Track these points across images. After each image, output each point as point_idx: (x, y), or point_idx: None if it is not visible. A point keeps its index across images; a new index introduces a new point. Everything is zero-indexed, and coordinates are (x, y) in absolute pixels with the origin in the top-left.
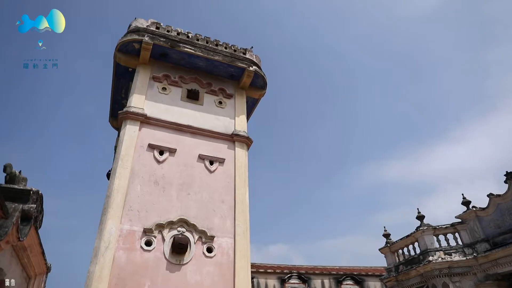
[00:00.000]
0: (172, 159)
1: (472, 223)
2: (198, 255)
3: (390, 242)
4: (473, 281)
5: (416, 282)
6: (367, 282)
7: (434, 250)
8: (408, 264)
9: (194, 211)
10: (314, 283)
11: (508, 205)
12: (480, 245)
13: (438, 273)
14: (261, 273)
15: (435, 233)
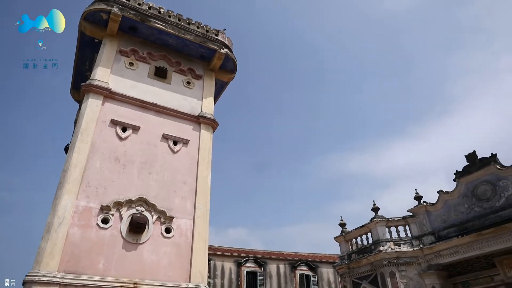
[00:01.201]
0: (135, 137)
1: (422, 217)
2: (156, 235)
3: (345, 232)
4: (417, 270)
5: (366, 270)
6: (320, 269)
7: (385, 240)
8: (360, 253)
9: (154, 191)
10: (270, 267)
11: (454, 202)
12: (427, 238)
13: (387, 262)
14: (219, 255)
15: (388, 225)
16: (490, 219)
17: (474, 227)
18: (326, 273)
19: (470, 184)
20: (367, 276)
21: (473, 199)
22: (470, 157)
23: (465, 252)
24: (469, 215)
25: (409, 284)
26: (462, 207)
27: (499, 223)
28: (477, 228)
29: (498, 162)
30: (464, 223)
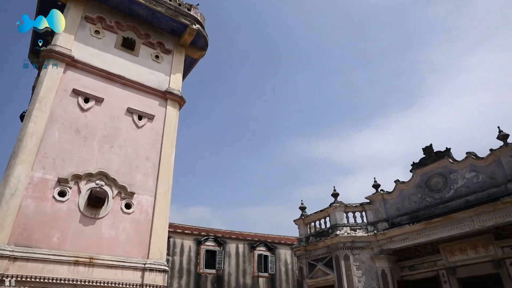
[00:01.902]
0: (97, 109)
1: (378, 204)
2: (115, 210)
3: (305, 215)
4: (369, 254)
5: (322, 252)
6: (278, 250)
7: (342, 225)
8: (317, 236)
9: (115, 165)
10: (229, 247)
11: (409, 192)
12: (381, 224)
13: (342, 246)
14: (179, 233)
15: (346, 210)
16: (439, 209)
17: (425, 216)
18: (283, 254)
19: (425, 176)
20: (322, 258)
21: (426, 190)
22: (426, 150)
23: (414, 238)
24: (421, 205)
25: (361, 267)
26: (416, 197)
27: (446, 213)
28: (427, 217)
29: (451, 156)
30: (416, 211)
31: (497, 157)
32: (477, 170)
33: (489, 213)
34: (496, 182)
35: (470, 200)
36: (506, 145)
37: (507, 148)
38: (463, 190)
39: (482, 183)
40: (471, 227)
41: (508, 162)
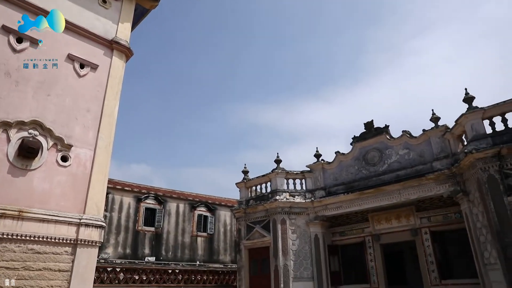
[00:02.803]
0: (33, 51)
1: (318, 173)
2: (50, 163)
3: (247, 179)
4: (305, 219)
5: (261, 216)
6: (218, 211)
7: (282, 191)
8: (258, 200)
9: (52, 115)
10: (170, 205)
11: (347, 163)
12: (318, 192)
13: (280, 210)
14: (118, 190)
15: (287, 177)
16: (373, 181)
17: (359, 187)
18: (223, 216)
19: (363, 149)
20: (261, 221)
21: (362, 163)
22: (367, 125)
23: (347, 207)
24: (357, 176)
25: (296, 231)
26: (353, 169)
27: (378, 185)
28: (361, 188)
29: (389, 133)
30: (352, 182)
31: (428, 137)
32: (410, 148)
33: (414, 188)
34: (424, 160)
35: (400, 175)
36: (436, 127)
37: (437, 130)
38: (395, 165)
39: (412, 160)
40: (398, 199)
41: (436, 143)
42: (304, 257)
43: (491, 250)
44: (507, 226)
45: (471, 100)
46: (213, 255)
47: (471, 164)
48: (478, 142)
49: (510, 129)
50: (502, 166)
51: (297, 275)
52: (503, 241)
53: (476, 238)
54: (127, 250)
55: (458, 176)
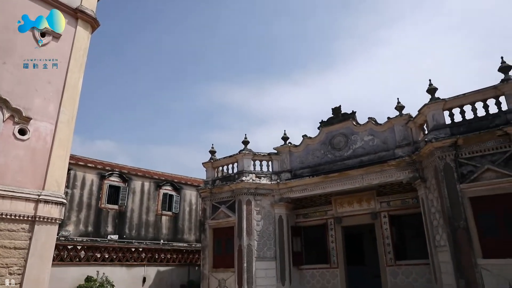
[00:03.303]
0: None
1: (284, 156)
2: (6, 136)
3: (214, 159)
4: (270, 201)
5: (227, 196)
6: (184, 190)
7: (248, 172)
8: (224, 180)
9: (9, 85)
10: (135, 183)
11: (314, 147)
12: (284, 174)
13: (246, 191)
14: (81, 166)
15: (254, 158)
16: (337, 165)
17: (324, 171)
18: (189, 195)
19: (330, 134)
20: (226, 201)
21: (328, 147)
22: (335, 110)
23: (312, 190)
24: (322, 160)
25: (261, 212)
26: (319, 152)
27: (343, 169)
28: (326, 171)
29: (355, 119)
30: (317, 166)
31: (392, 125)
32: (374, 135)
33: (376, 173)
34: (387, 147)
35: (364, 160)
36: (400, 115)
37: (401, 118)
38: (359, 151)
39: (376, 146)
40: (361, 183)
41: (399, 131)
42: (268, 237)
43: (442, 233)
44: (458, 211)
45: (434, 91)
46: (178, 234)
47: (430, 152)
48: (438, 132)
49: (467, 120)
50: (457, 155)
51: (261, 254)
52: (453, 225)
53: (430, 222)
54: (89, 228)
55: (418, 164)
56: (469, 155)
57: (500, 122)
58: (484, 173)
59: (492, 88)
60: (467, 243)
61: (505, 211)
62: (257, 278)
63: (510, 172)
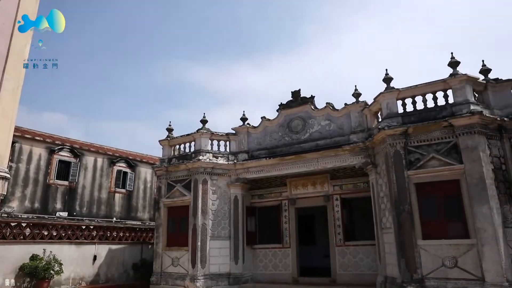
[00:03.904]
0: None
1: (242, 136)
2: None
3: (171, 137)
4: (226, 181)
5: (183, 175)
6: (139, 167)
7: (205, 151)
8: (180, 158)
9: None
10: (87, 159)
11: (272, 129)
12: (241, 155)
13: (203, 170)
14: (28, 139)
15: (211, 138)
16: (294, 148)
17: (281, 153)
18: (144, 173)
19: (288, 117)
20: (182, 180)
21: (286, 130)
22: (294, 94)
23: (268, 171)
24: (279, 142)
25: (217, 192)
26: (277, 135)
27: (299, 152)
28: (282, 154)
29: (314, 104)
30: (274, 148)
31: (348, 111)
32: (331, 120)
33: (331, 157)
34: (343, 132)
35: (320, 144)
36: (357, 102)
37: (357, 105)
38: (316, 135)
39: (332, 131)
40: (316, 167)
41: (355, 117)
42: (223, 217)
43: (388, 216)
44: (404, 196)
45: (390, 81)
46: (131, 212)
47: (382, 139)
48: (390, 120)
49: (417, 111)
50: (407, 144)
51: (215, 234)
52: (398, 208)
53: (378, 206)
54: (36, 204)
55: (370, 150)
56: (417, 144)
57: (446, 114)
58: (429, 161)
59: (441, 82)
60: (410, 225)
61: (445, 196)
62: (210, 257)
63: (452, 161)
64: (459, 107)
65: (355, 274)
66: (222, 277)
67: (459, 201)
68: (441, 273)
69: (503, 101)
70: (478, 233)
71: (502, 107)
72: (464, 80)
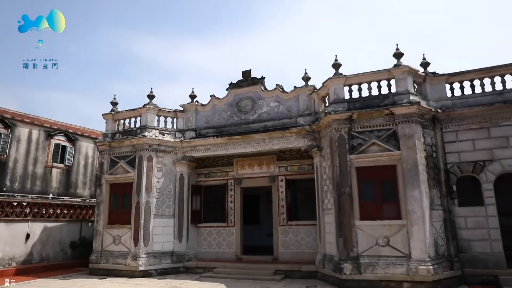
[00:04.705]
0: None
1: (190, 114)
2: None
3: (115, 111)
4: (172, 158)
5: (127, 151)
6: (80, 142)
7: (152, 127)
8: (125, 134)
9: None
10: (20, 131)
11: (221, 108)
12: (189, 133)
13: (148, 147)
14: None
15: (158, 114)
16: (242, 128)
17: (229, 132)
18: (85, 147)
19: (237, 96)
20: (126, 156)
21: (235, 109)
22: (245, 74)
23: (215, 150)
24: (228, 121)
25: (162, 169)
26: (225, 114)
27: (247, 132)
28: (230, 133)
29: (264, 84)
30: (222, 127)
31: (297, 94)
32: (280, 102)
33: (278, 139)
34: (291, 115)
35: (268, 126)
36: (306, 86)
37: (306, 88)
38: (264, 116)
39: (280, 113)
40: (263, 147)
41: (303, 100)
42: (168, 195)
43: (330, 198)
44: (345, 179)
45: (338, 67)
46: (70, 189)
47: (328, 124)
48: (337, 105)
49: (362, 97)
50: (351, 129)
51: (159, 212)
52: (340, 190)
53: (321, 187)
54: None
55: (316, 133)
56: (360, 129)
57: (388, 102)
58: (370, 147)
59: (385, 71)
60: (349, 207)
61: (382, 180)
62: (154, 235)
63: (390, 147)
64: (400, 96)
65: (296, 252)
66: (165, 255)
67: (394, 185)
68: (374, 251)
69: (438, 94)
70: (409, 214)
71: (437, 99)
72: (406, 71)
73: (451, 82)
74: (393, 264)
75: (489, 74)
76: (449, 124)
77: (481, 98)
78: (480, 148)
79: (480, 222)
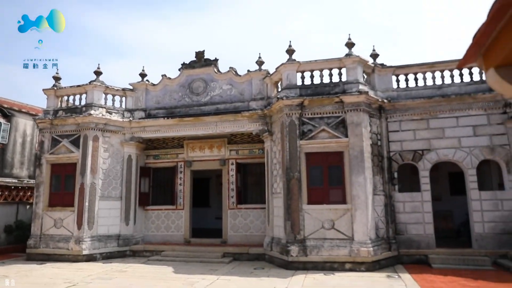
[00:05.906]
0: None
1: (140, 93)
2: None
3: (58, 86)
4: (120, 139)
5: (71, 129)
6: (17, 118)
7: (98, 106)
8: (69, 111)
9: None
10: None
11: (172, 89)
12: (138, 113)
13: (94, 126)
14: None
15: (106, 92)
16: (194, 110)
17: (180, 114)
18: (23, 124)
19: (190, 78)
20: (70, 135)
21: (187, 91)
22: (198, 55)
23: (165, 132)
24: (179, 103)
25: (109, 150)
26: (177, 95)
27: (199, 115)
28: (181, 114)
29: (217, 66)
30: (174, 108)
31: (250, 78)
32: (233, 85)
33: (230, 122)
34: (243, 98)
35: (220, 108)
36: (259, 70)
37: (259, 73)
38: (217, 99)
39: (233, 96)
40: (214, 130)
41: (256, 85)
42: (114, 176)
43: (279, 182)
44: (295, 164)
45: (292, 53)
46: (5, 169)
47: (280, 109)
48: (289, 91)
49: (314, 84)
50: (302, 115)
51: (105, 194)
52: (289, 175)
53: (271, 172)
54: None
55: (268, 118)
56: (311, 116)
57: (338, 91)
58: (320, 133)
59: (337, 60)
60: (298, 191)
61: (329, 166)
62: (99, 218)
63: (339, 135)
64: (350, 85)
65: (245, 235)
66: (111, 238)
67: (341, 171)
68: (320, 234)
69: (385, 85)
70: (353, 199)
71: (384, 90)
72: (357, 61)
73: (397, 74)
74: (337, 246)
75: (431, 69)
76: (393, 114)
77: (423, 91)
78: (420, 138)
79: (416, 206)
